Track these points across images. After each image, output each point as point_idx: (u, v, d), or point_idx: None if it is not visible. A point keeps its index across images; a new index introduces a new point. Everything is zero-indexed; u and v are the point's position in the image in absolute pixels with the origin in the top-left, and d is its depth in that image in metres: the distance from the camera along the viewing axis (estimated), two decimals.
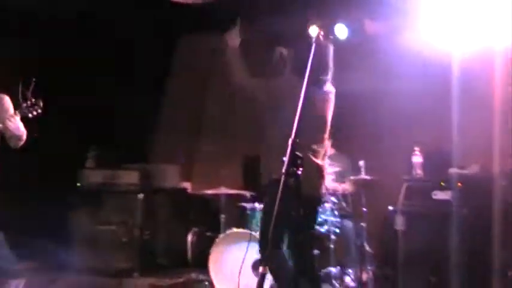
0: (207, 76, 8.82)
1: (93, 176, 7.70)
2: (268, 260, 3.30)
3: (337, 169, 6.71)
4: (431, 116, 6.82)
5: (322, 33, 3.41)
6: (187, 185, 8.44)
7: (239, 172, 8.20)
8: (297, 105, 3.17)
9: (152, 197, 7.72)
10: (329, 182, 6.51)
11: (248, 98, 5.46)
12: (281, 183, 3.06)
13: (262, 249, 4.52)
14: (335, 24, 7.29)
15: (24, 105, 5.24)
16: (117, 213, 7.35)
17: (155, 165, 8.30)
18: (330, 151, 7.03)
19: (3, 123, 5.21)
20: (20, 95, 5.32)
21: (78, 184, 7.60)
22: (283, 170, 3.09)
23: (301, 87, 3.23)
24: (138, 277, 7.10)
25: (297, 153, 3.12)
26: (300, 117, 3.16)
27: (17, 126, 5.26)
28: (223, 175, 7.73)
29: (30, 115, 5.25)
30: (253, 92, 4.94)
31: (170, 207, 8.02)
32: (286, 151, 3.12)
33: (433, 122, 6.74)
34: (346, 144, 7.06)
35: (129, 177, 7.63)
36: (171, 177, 8.19)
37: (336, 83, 5.37)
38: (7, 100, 5.49)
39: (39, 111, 5.27)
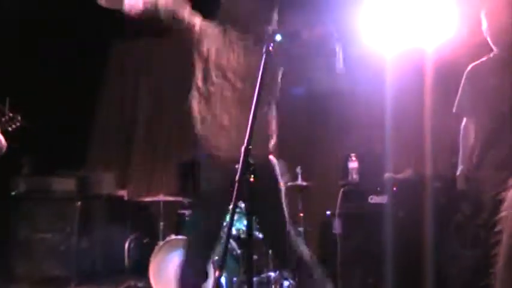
0: (138, 80, 8.84)
1: (28, 183, 7.59)
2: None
3: None
4: (365, 121, 6.98)
5: (271, 45, 3.45)
6: (123, 193, 8.39)
7: (175, 178, 8.20)
8: None
9: (89, 205, 7.64)
10: None
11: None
12: (234, 191, 3.10)
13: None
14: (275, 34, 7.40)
15: (3, 119, 5.42)
16: (53, 220, 7.25)
17: (91, 172, 8.22)
18: None
19: None
20: None
21: (13, 192, 7.48)
22: (236, 178, 3.12)
23: None
24: (75, 286, 7.02)
25: (250, 160, 3.16)
26: (252, 124, 3.20)
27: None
28: (159, 181, 7.73)
29: (9, 128, 5.44)
30: None
31: (107, 215, 7.94)
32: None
33: (368, 127, 6.90)
34: (280, 149, 7.14)
35: (66, 184, 7.55)
36: (108, 184, 8.11)
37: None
38: None
39: (18, 124, 5.46)
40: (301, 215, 6.55)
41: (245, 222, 6.27)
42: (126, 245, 7.33)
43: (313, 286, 4.49)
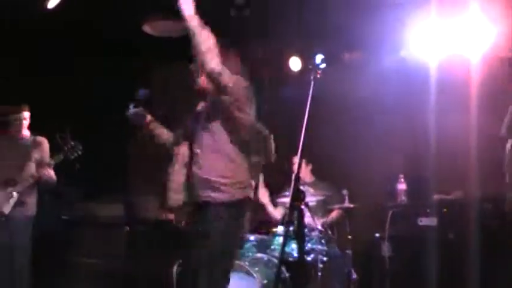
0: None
1: (76, 209, 7.68)
2: None
3: (320, 197, 6.78)
4: (413, 142, 6.92)
5: (319, 71, 3.45)
6: (172, 217, 8.41)
7: None
8: None
9: (136, 229, 7.67)
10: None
11: None
12: (286, 217, 3.11)
13: None
14: (315, 54, 7.40)
15: (66, 148, 5.86)
16: (100, 246, 7.29)
17: (138, 197, 8.26)
18: (310, 178, 7.14)
19: (38, 172, 5.90)
20: (59, 139, 5.95)
21: (64, 217, 7.58)
22: (288, 205, 3.13)
23: None
24: None
25: (301, 187, 3.16)
26: (301, 152, 3.20)
27: (50, 175, 5.99)
28: None
29: (72, 157, 5.89)
30: None
31: (154, 239, 7.96)
32: None
33: (415, 148, 6.84)
34: (328, 172, 7.13)
35: (113, 209, 7.61)
36: (154, 208, 8.15)
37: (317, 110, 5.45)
38: (46, 143, 6.18)
39: (80, 152, 5.92)
40: (350, 237, 6.49)
41: (293, 246, 6.30)
42: (174, 270, 7.32)
43: None
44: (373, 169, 7.12)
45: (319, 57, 7.28)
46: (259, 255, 6.39)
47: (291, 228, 6.30)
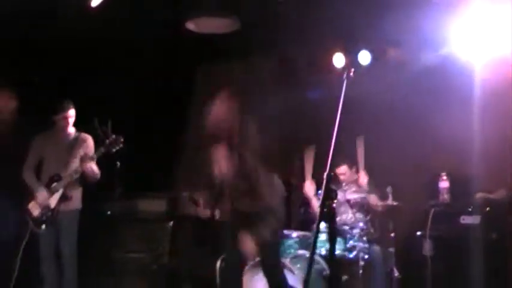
0: None
1: (121, 205, 7.78)
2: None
3: (363, 195, 6.78)
4: (456, 141, 6.84)
5: (352, 70, 3.45)
6: (216, 213, 8.49)
7: None
8: None
9: (179, 225, 7.78)
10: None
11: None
12: (318, 216, 3.13)
13: None
14: (359, 51, 7.39)
15: (107, 141, 5.93)
16: (145, 241, 7.41)
17: (181, 193, 8.34)
18: (353, 176, 7.12)
19: (82, 167, 5.99)
20: (100, 133, 6.03)
21: (108, 212, 7.70)
22: (319, 204, 3.15)
23: None
24: None
25: (332, 186, 3.18)
26: (333, 150, 3.21)
27: (92, 170, 6.05)
28: None
29: (113, 150, 5.96)
30: None
31: (197, 235, 8.06)
32: None
33: (458, 146, 6.76)
34: (370, 169, 7.10)
35: (157, 205, 7.73)
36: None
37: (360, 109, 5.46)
38: (91, 140, 6.31)
39: (121, 145, 5.96)
40: (392, 235, 6.46)
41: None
42: (218, 265, 7.39)
43: None
44: (416, 167, 7.05)
45: (362, 54, 7.34)
46: (300, 251, 6.44)
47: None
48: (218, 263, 7.35)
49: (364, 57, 7.32)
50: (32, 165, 6.28)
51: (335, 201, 3.22)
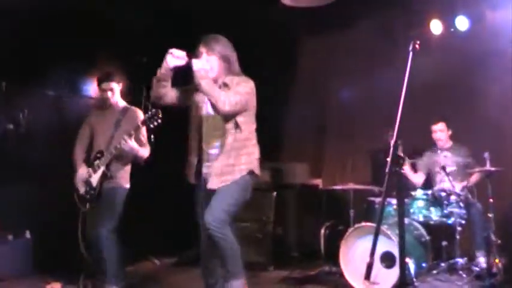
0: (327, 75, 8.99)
1: None
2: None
3: (460, 160, 6.80)
4: None
5: (418, 42, 3.53)
6: (318, 182, 8.68)
7: (366, 166, 8.38)
8: None
9: (284, 194, 7.98)
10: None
11: None
12: (385, 183, 3.26)
13: None
14: (456, 16, 7.34)
15: (146, 116, 5.46)
16: (250, 210, 7.60)
17: (285, 163, 8.58)
18: (449, 143, 7.15)
19: (120, 144, 5.63)
20: (142, 107, 5.78)
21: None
22: (386, 170, 3.28)
23: None
24: (272, 270, 7.39)
25: (399, 153, 3.31)
26: (401, 117, 3.33)
27: (130, 146, 5.66)
28: (351, 170, 7.89)
29: (151, 126, 5.45)
30: None
31: (301, 203, 8.25)
32: None
33: None
34: (467, 135, 7.10)
35: (261, 176, 7.93)
36: (301, 174, 8.44)
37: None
38: (139, 113, 5.93)
39: (159, 121, 5.42)
40: (491, 200, 6.43)
41: (432, 209, 6.38)
42: (322, 232, 7.58)
43: None
44: None
45: (460, 19, 7.28)
46: None
47: (429, 193, 6.42)
48: (322, 231, 7.58)
49: (462, 23, 7.26)
50: (82, 141, 6.06)
51: (404, 167, 3.35)
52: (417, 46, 3.49)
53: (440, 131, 7.18)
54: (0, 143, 6.09)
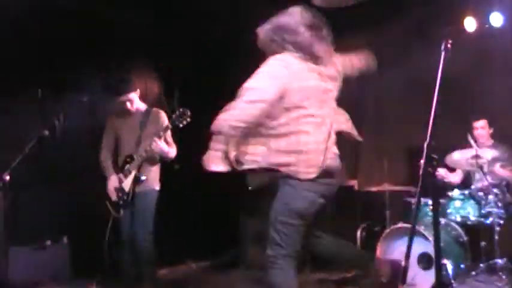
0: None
1: (262, 177, 8.03)
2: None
3: (496, 156, 6.70)
4: None
5: (450, 41, 3.47)
6: (353, 183, 8.61)
7: (403, 166, 8.29)
8: None
9: None
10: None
11: None
12: (418, 186, 3.22)
13: None
14: (491, 13, 7.24)
15: (174, 116, 5.54)
16: None
17: None
18: (489, 141, 7.05)
19: (151, 145, 5.63)
20: (167, 107, 5.83)
21: (250, 187, 7.99)
22: (420, 172, 3.24)
23: None
24: (310, 272, 7.35)
25: (433, 155, 3.27)
26: (434, 118, 3.29)
27: (160, 148, 5.69)
28: (387, 170, 7.81)
29: (180, 125, 5.54)
30: None
31: (337, 205, 8.19)
32: None
33: None
34: (503, 134, 7.00)
35: None
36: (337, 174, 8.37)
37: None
38: (163, 115, 5.93)
39: (188, 120, 5.50)
40: None
41: (469, 209, 6.30)
42: (358, 234, 7.55)
43: None
44: None
45: (494, 16, 7.18)
46: None
47: (466, 192, 6.34)
48: (358, 232, 7.55)
49: (497, 19, 7.16)
50: (108, 146, 6.10)
51: (438, 169, 3.31)
52: (449, 45, 3.42)
53: (481, 128, 7.10)
54: (36, 150, 6.16)
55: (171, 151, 5.90)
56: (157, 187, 5.98)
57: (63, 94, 6.57)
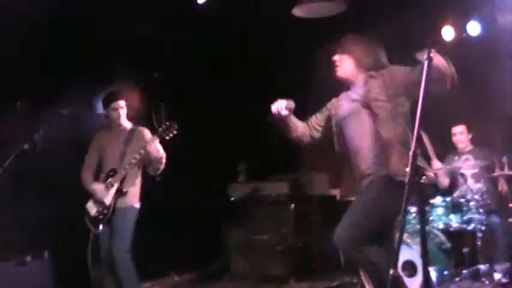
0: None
1: (244, 188, 8.03)
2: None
3: (479, 163, 6.71)
4: None
5: (433, 51, 3.46)
6: (335, 192, 8.60)
7: None
8: None
9: (303, 206, 7.93)
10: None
11: None
12: (404, 195, 3.21)
13: None
14: (468, 21, 7.28)
15: (160, 129, 5.56)
16: (269, 223, 7.62)
17: (303, 174, 8.52)
18: (469, 146, 7.08)
19: (145, 148, 5.62)
20: (154, 120, 5.69)
21: (232, 198, 7.97)
22: (406, 181, 3.22)
23: None
24: (294, 283, 7.35)
25: (419, 163, 3.26)
26: (418, 127, 3.28)
27: (156, 148, 5.67)
28: None
29: (167, 137, 5.57)
30: None
31: (321, 214, 8.20)
32: None
33: None
34: (485, 139, 7.03)
35: (279, 188, 7.90)
36: (320, 184, 8.38)
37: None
38: (147, 132, 5.93)
39: (175, 132, 5.55)
40: (511, 205, 6.38)
41: (451, 216, 6.31)
42: None
43: None
44: None
45: (472, 25, 7.22)
46: (419, 226, 6.48)
47: (448, 199, 6.35)
48: None
49: (474, 28, 7.20)
50: (91, 164, 6.06)
51: (423, 178, 3.30)
52: (432, 55, 3.42)
53: (460, 134, 7.16)
54: (17, 163, 6.10)
55: (164, 157, 5.84)
56: (137, 205, 5.94)
57: (43, 106, 6.51)
